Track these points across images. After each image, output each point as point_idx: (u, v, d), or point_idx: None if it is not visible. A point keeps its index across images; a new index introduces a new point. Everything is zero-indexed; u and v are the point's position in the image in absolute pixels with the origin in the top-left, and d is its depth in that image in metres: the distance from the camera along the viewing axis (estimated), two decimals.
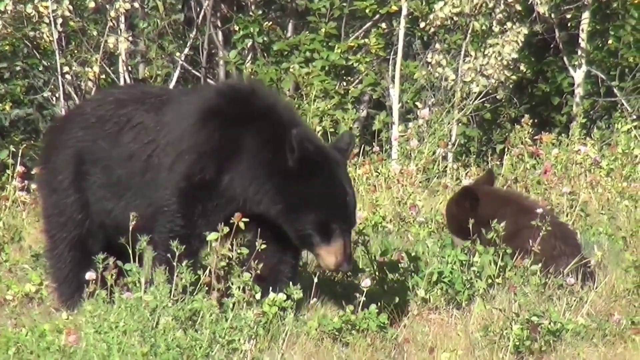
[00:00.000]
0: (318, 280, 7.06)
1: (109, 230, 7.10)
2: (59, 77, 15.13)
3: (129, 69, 16.01)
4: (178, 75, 16.18)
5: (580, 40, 16.91)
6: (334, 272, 7.07)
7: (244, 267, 6.78)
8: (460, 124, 15.78)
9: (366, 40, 16.31)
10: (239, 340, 6.43)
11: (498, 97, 16.13)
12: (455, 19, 15.64)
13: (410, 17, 15.95)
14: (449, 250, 7.58)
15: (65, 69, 15.17)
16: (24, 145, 12.51)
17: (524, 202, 8.28)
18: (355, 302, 6.93)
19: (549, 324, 6.94)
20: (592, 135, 12.76)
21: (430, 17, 15.62)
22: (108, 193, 7.13)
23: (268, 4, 17.04)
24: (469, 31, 15.62)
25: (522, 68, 16.63)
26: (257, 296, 6.74)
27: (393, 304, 7.23)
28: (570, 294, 7.42)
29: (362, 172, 11.06)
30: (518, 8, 15.80)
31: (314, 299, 7.22)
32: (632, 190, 10.19)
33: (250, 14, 16.21)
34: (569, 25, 17.50)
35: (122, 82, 15.61)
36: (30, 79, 16.11)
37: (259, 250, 6.74)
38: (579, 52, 16.95)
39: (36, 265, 8.12)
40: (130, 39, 15.92)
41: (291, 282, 6.88)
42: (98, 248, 7.01)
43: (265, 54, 16.08)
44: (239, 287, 6.61)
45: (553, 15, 16.63)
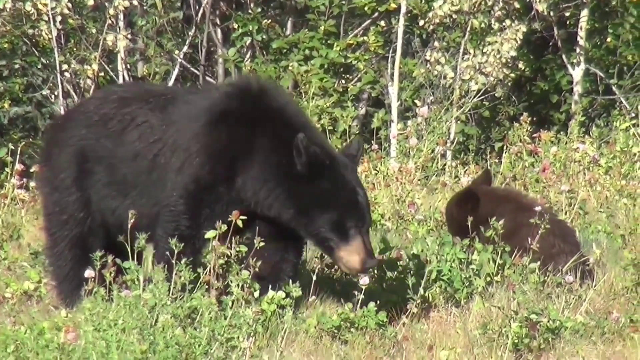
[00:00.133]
0: (317, 278, 7.06)
1: (112, 229, 7.06)
2: (58, 75, 15.13)
3: (128, 66, 16.02)
4: (177, 73, 16.19)
5: (579, 38, 16.91)
6: (362, 273, 6.86)
7: (243, 265, 6.77)
8: (459, 122, 15.79)
9: (365, 38, 16.31)
10: (238, 338, 6.43)
11: (497, 95, 16.12)
12: (454, 16, 15.64)
13: (409, 15, 15.95)
14: (448, 248, 7.57)
15: (64, 66, 15.17)
16: (23, 143, 12.48)
17: (522, 200, 8.28)
18: (354, 300, 6.91)
19: (548, 322, 6.93)
20: (591, 133, 12.74)
21: (429, 15, 15.63)
22: (113, 192, 7.11)
23: (267, 2, 17.05)
24: (468, 29, 15.63)
25: (521, 66, 16.64)
26: (256, 294, 6.74)
27: (392, 302, 7.22)
28: (569, 292, 7.41)
29: (361, 170, 11.04)
30: (517, 6, 15.81)
31: (313, 297, 7.22)
32: (631, 188, 10.19)
33: (249, 11, 16.21)
34: (567, 23, 17.51)
35: (121, 80, 15.61)
36: (29, 76, 16.10)
37: (261, 248, 6.74)
38: (578, 50, 16.94)
39: (35, 263, 8.11)
40: (129, 36, 15.92)
41: (291, 281, 6.88)
42: (98, 246, 6.97)
43: (264, 52, 16.08)
44: (237, 285, 6.61)
45: (552, 13, 16.63)
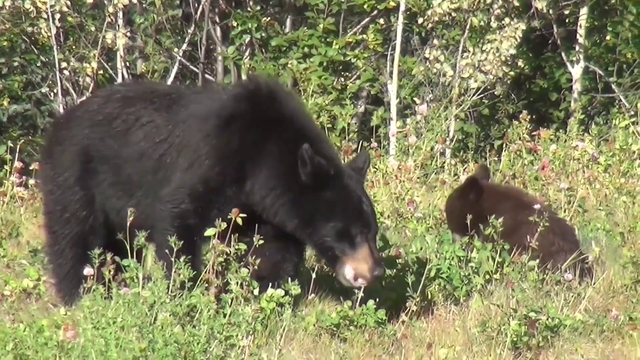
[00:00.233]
0: (316, 276, 7.06)
1: (116, 228, 7.00)
2: (57, 73, 15.12)
3: (127, 64, 16.00)
4: (176, 71, 16.17)
5: (578, 36, 16.89)
6: (370, 283, 6.81)
7: (243, 263, 6.77)
8: (458, 120, 15.78)
9: (364, 36, 16.30)
10: (237, 336, 6.43)
11: (496, 93, 16.11)
12: (453, 14, 15.63)
13: (408, 13, 15.93)
14: (447, 246, 7.57)
15: (63, 64, 15.15)
16: (22, 140, 12.48)
17: (523, 198, 8.26)
18: (353, 298, 6.92)
19: (547, 319, 6.93)
20: (590, 131, 12.73)
21: (428, 13, 15.61)
22: (118, 191, 7.10)
23: (266, 0, 17.03)
24: (467, 27, 15.61)
25: (520, 64, 16.62)
26: (256, 292, 6.74)
27: (391, 300, 7.22)
28: (568, 290, 7.41)
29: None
30: (516, 4, 15.79)
31: (312, 295, 7.22)
32: (630, 186, 10.18)
33: (249, 9, 16.20)
34: (567, 21, 17.50)
35: (120, 78, 15.60)
36: (28, 74, 16.08)
37: (262, 247, 6.73)
38: (577, 48, 16.93)
39: (34, 261, 8.11)
40: (128, 34, 15.91)
41: (291, 280, 6.87)
42: (99, 245, 6.94)
43: (263, 50, 16.06)
44: (237, 283, 6.61)
45: (551, 11, 16.62)
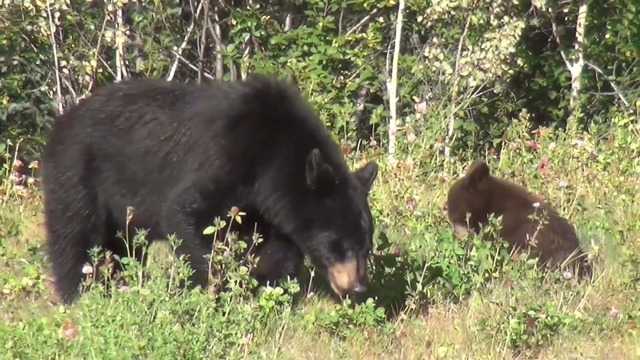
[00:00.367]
0: (315, 275, 7.06)
1: (118, 226, 6.96)
2: (57, 71, 15.12)
3: (126, 63, 16.00)
4: (175, 69, 16.17)
5: (577, 35, 16.91)
6: (347, 295, 6.82)
7: (242, 261, 6.76)
8: (457, 118, 15.78)
9: (363, 34, 16.31)
10: (236, 334, 6.44)
11: (495, 91, 16.12)
12: (452, 13, 15.63)
13: (407, 11, 15.94)
14: (446, 244, 7.56)
15: (63, 63, 15.16)
16: (21, 139, 12.51)
17: (526, 197, 8.24)
18: (353, 297, 6.92)
19: (546, 318, 6.93)
20: (589, 130, 12.74)
21: (428, 11, 15.62)
22: (122, 189, 7.09)
23: None
24: (466, 25, 15.62)
25: (520, 62, 16.65)
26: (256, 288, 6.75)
27: (390, 298, 7.21)
28: (567, 288, 7.40)
29: (360, 167, 11.03)
30: (515, 2, 15.80)
31: (311, 293, 7.22)
32: (629, 185, 10.17)
33: (248, 8, 16.20)
34: (566, 19, 17.51)
35: (119, 77, 15.60)
36: (28, 73, 16.10)
37: (262, 245, 6.73)
38: (576, 47, 16.94)
39: (33, 259, 8.11)
40: (127, 33, 15.91)
41: (290, 278, 6.87)
42: (99, 243, 6.95)
43: (262, 48, 16.07)
44: (236, 281, 6.61)
45: (550, 10, 16.64)
